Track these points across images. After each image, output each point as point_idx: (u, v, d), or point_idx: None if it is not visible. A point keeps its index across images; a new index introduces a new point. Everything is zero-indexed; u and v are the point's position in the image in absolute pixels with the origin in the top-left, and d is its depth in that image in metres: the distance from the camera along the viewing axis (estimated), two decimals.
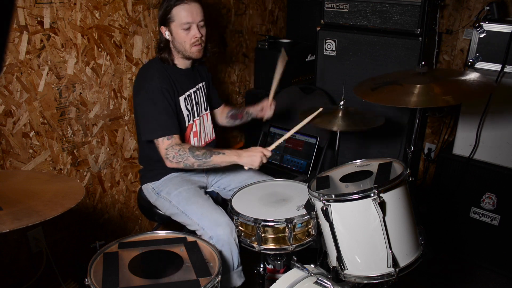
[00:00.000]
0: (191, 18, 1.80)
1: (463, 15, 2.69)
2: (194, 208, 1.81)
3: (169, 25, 1.83)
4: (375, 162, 1.61)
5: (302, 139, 2.49)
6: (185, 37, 1.82)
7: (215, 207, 1.82)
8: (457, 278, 2.41)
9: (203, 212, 1.78)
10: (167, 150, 1.77)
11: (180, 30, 1.81)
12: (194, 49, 1.86)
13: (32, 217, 1.02)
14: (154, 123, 1.79)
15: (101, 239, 1.56)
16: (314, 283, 1.49)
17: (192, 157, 1.76)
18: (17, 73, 1.75)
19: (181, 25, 1.80)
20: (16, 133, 1.80)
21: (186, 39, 1.83)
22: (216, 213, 1.77)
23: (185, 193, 1.87)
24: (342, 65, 2.54)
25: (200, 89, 2.04)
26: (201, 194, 1.90)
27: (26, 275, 1.96)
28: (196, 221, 1.77)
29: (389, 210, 1.36)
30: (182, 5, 1.79)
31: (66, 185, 1.28)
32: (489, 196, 2.31)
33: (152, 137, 1.80)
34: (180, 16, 1.80)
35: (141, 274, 1.41)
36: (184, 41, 1.83)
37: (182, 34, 1.82)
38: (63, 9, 1.85)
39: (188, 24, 1.81)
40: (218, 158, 1.77)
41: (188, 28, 1.81)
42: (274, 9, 3.16)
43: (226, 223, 1.72)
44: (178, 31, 1.82)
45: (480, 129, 2.28)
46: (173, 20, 1.81)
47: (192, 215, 1.80)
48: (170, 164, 1.79)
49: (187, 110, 1.94)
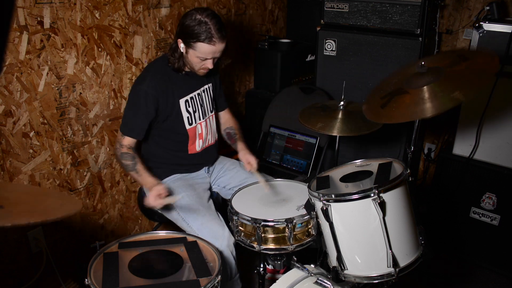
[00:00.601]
0: (210, 56, 1.80)
1: (463, 15, 2.69)
2: (195, 216, 1.81)
3: (187, 46, 1.80)
4: (375, 162, 1.61)
5: (302, 139, 2.49)
6: (197, 63, 1.84)
7: (215, 216, 1.82)
8: (457, 278, 2.41)
9: (203, 222, 1.78)
10: (119, 144, 1.87)
11: (196, 57, 1.81)
12: (201, 71, 1.89)
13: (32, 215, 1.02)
14: (126, 120, 1.89)
15: (101, 239, 1.57)
16: (314, 283, 1.49)
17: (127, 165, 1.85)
18: (17, 73, 1.75)
19: (198, 56, 1.80)
20: (16, 133, 1.80)
21: (197, 65, 1.85)
22: (216, 225, 1.77)
23: (188, 199, 1.87)
24: (342, 65, 2.54)
25: (205, 91, 2.03)
26: (203, 202, 1.90)
27: (26, 275, 1.96)
28: (195, 231, 1.77)
29: (389, 210, 1.36)
30: (209, 44, 1.75)
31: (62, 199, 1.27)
32: (489, 196, 2.31)
33: (120, 129, 1.90)
34: (201, 51, 1.78)
35: (141, 274, 1.41)
36: (195, 65, 1.85)
37: (195, 60, 1.82)
38: (63, 9, 1.85)
39: (205, 58, 1.81)
40: (136, 175, 1.86)
41: (204, 59, 1.82)
42: (274, 9, 3.16)
43: (224, 236, 1.73)
44: (193, 57, 1.81)
45: (480, 129, 2.28)
46: (193, 49, 1.78)
47: (192, 223, 1.80)
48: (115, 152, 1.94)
49: (188, 113, 1.94)
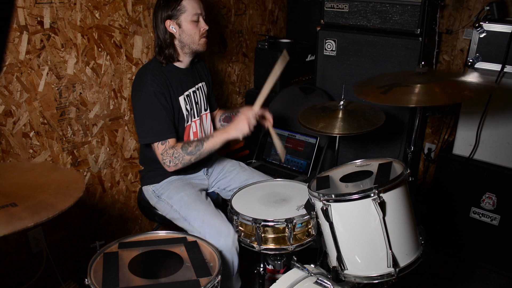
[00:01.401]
0: (199, 10, 1.85)
1: (463, 15, 2.69)
2: (196, 214, 1.80)
3: (177, 17, 1.83)
4: (375, 162, 1.61)
5: (302, 139, 2.49)
6: (194, 28, 1.85)
7: (217, 213, 1.81)
8: (457, 278, 2.41)
9: (205, 219, 1.76)
10: (162, 156, 1.79)
11: (190, 22, 1.84)
12: (202, 40, 1.89)
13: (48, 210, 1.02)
14: (147, 129, 1.80)
15: (101, 239, 1.56)
16: (314, 283, 1.48)
17: (187, 155, 1.78)
18: (17, 73, 1.75)
19: (192, 16, 1.83)
20: (16, 133, 1.80)
21: (196, 31, 1.86)
22: (218, 221, 1.75)
23: (187, 198, 1.86)
24: (342, 65, 2.54)
25: (200, 89, 2.03)
26: (202, 199, 1.89)
27: (26, 275, 1.96)
28: (198, 229, 1.75)
29: (389, 210, 1.36)
30: None
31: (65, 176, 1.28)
32: (489, 196, 2.31)
33: (146, 141, 1.83)
34: (190, 7, 1.82)
35: (141, 274, 1.41)
36: (194, 32, 1.86)
37: (191, 27, 1.85)
38: (63, 9, 1.85)
39: (197, 15, 1.84)
40: (210, 143, 1.79)
41: (197, 20, 1.85)
42: (274, 9, 3.16)
43: (227, 232, 1.71)
44: (188, 25, 1.84)
45: (480, 129, 2.28)
46: (184, 11, 1.82)
47: (193, 221, 1.79)
48: (169, 169, 1.81)
49: (186, 110, 1.94)
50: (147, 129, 1.80)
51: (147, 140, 1.81)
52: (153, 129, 1.79)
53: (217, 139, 1.79)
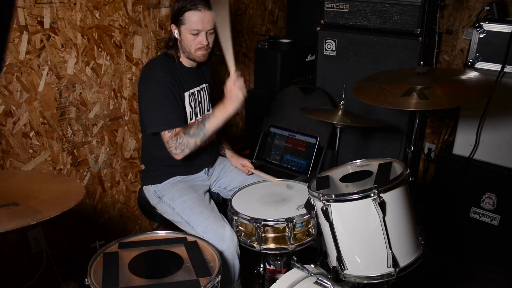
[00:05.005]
0: (201, 26, 1.81)
1: (463, 15, 2.69)
2: (199, 219, 1.79)
3: (179, 26, 1.84)
4: (375, 162, 1.61)
5: (302, 139, 2.49)
6: (191, 41, 1.84)
7: (219, 218, 1.80)
8: (457, 278, 2.41)
9: (208, 224, 1.76)
10: (168, 143, 1.80)
11: (188, 34, 1.83)
12: (198, 53, 1.87)
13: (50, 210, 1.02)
14: (157, 117, 1.81)
15: (101, 239, 1.56)
16: (314, 283, 1.48)
17: (190, 138, 1.77)
18: (17, 73, 1.75)
19: (190, 30, 1.82)
20: (16, 133, 1.80)
21: (192, 43, 1.85)
22: (221, 226, 1.74)
23: (190, 202, 1.86)
24: (342, 65, 2.54)
25: (204, 89, 2.04)
26: (206, 203, 1.89)
27: (26, 275, 1.96)
28: (200, 234, 1.75)
29: (389, 210, 1.36)
30: (195, 11, 1.79)
31: (66, 186, 1.28)
32: (489, 196, 2.31)
33: (155, 130, 1.82)
34: (190, 22, 1.80)
35: (141, 274, 1.41)
36: (190, 44, 1.85)
37: (189, 38, 1.84)
38: (63, 9, 1.85)
39: (197, 30, 1.82)
40: (212, 122, 1.77)
41: (196, 34, 1.83)
42: (274, 9, 3.16)
43: (230, 237, 1.71)
44: (186, 35, 1.83)
45: (480, 129, 2.28)
46: (184, 23, 1.82)
47: (196, 226, 1.79)
48: (176, 156, 1.81)
49: (190, 107, 1.95)
50: (157, 117, 1.80)
51: (156, 129, 1.81)
52: (163, 117, 1.80)
53: (218, 117, 1.77)
